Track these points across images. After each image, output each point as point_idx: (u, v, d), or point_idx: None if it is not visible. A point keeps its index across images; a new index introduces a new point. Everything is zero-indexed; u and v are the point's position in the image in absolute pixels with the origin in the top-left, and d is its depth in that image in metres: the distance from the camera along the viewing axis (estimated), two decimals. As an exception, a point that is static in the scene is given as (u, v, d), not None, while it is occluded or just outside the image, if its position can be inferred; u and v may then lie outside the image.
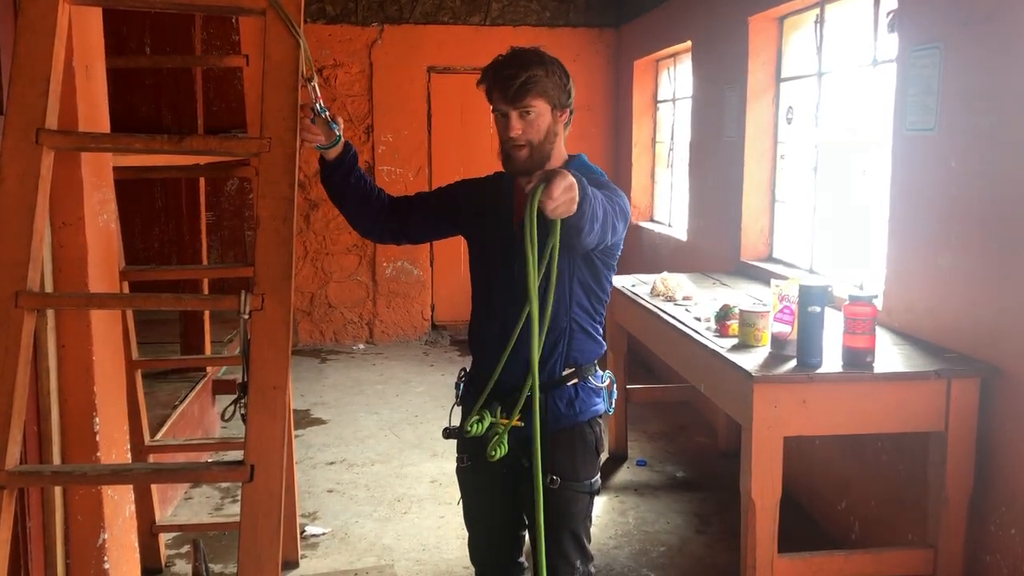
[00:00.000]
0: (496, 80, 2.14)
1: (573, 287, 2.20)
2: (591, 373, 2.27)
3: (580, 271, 2.20)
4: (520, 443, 2.21)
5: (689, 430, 5.22)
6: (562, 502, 2.23)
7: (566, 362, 2.23)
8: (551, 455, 2.19)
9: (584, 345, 2.25)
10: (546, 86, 2.14)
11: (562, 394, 2.23)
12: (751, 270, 4.70)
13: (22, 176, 1.77)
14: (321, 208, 7.22)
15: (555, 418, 2.22)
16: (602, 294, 2.28)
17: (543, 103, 2.15)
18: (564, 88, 2.19)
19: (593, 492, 2.30)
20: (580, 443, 2.25)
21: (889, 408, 2.85)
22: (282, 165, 1.84)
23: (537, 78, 2.13)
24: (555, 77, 2.16)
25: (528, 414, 2.16)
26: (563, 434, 2.23)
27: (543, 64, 2.15)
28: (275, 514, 1.74)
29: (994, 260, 2.83)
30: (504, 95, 2.13)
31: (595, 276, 2.23)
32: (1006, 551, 2.79)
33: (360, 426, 5.29)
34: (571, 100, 2.24)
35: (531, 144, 2.15)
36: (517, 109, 2.13)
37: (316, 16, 7.08)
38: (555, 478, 2.21)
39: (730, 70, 4.95)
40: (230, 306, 1.80)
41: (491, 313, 2.28)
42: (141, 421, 3.32)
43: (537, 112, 2.14)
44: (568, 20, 7.39)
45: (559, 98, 2.18)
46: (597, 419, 2.30)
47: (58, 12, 1.82)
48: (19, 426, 1.75)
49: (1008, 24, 2.76)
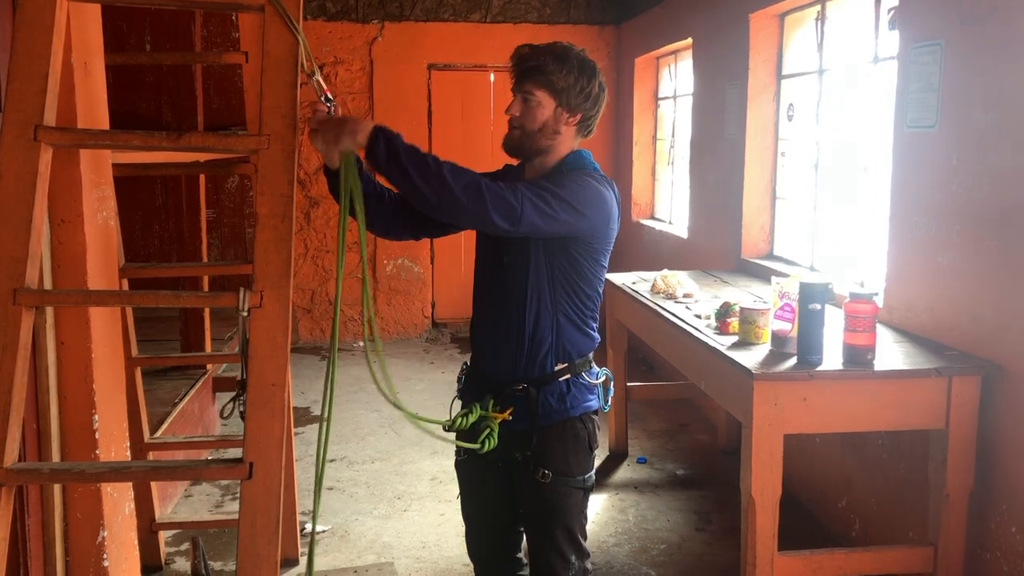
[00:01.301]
0: (512, 59, 2.21)
1: (555, 280, 2.20)
2: (585, 369, 2.27)
3: (560, 264, 2.19)
4: (513, 437, 2.23)
5: (689, 428, 5.22)
6: (554, 497, 2.24)
7: (557, 357, 2.23)
8: (542, 450, 2.21)
9: (574, 339, 2.24)
10: (552, 80, 2.15)
11: (553, 389, 2.23)
12: (752, 267, 4.70)
13: (20, 173, 1.77)
14: (321, 205, 7.21)
15: (546, 413, 2.22)
16: (588, 288, 2.24)
17: (545, 95, 2.16)
18: (581, 91, 2.18)
19: (586, 488, 2.29)
20: (572, 438, 2.25)
21: (890, 406, 2.85)
22: (281, 162, 1.84)
23: (544, 69, 2.15)
24: (570, 76, 2.15)
25: (519, 407, 2.20)
26: (554, 429, 2.23)
27: (561, 60, 2.15)
28: (274, 512, 1.74)
29: (995, 257, 2.83)
30: (512, 74, 2.21)
31: (576, 269, 2.21)
32: (1007, 549, 2.79)
33: (360, 424, 5.29)
34: (589, 107, 2.21)
35: (523, 129, 2.20)
36: (520, 92, 2.19)
37: (316, 13, 7.07)
38: (547, 472, 2.21)
39: (731, 67, 4.95)
40: (229, 303, 1.80)
41: (484, 306, 2.32)
42: (140, 418, 3.32)
43: (537, 101, 2.17)
44: (569, 17, 7.38)
45: (568, 98, 2.17)
46: (590, 415, 2.29)
47: (56, 8, 1.81)
48: (18, 423, 1.74)
49: (1009, 21, 2.75)
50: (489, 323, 2.28)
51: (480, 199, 1.95)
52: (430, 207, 1.98)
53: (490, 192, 1.97)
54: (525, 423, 2.21)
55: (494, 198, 1.97)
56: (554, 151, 2.23)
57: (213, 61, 5.54)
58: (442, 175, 1.93)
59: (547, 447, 2.22)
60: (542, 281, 2.19)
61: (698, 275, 4.54)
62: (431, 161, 1.94)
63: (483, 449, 2.17)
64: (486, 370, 2.29)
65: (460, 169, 1.98)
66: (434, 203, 1.96)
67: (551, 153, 2.23)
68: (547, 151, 2.22)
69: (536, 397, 2.21)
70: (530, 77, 2.16)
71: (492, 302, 2.28)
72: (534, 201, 2.03)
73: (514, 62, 2.20)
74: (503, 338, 2.24)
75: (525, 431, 2.22)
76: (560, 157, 2.25)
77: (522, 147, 2.23)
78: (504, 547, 2.43)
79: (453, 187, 1.93)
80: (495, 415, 2.19)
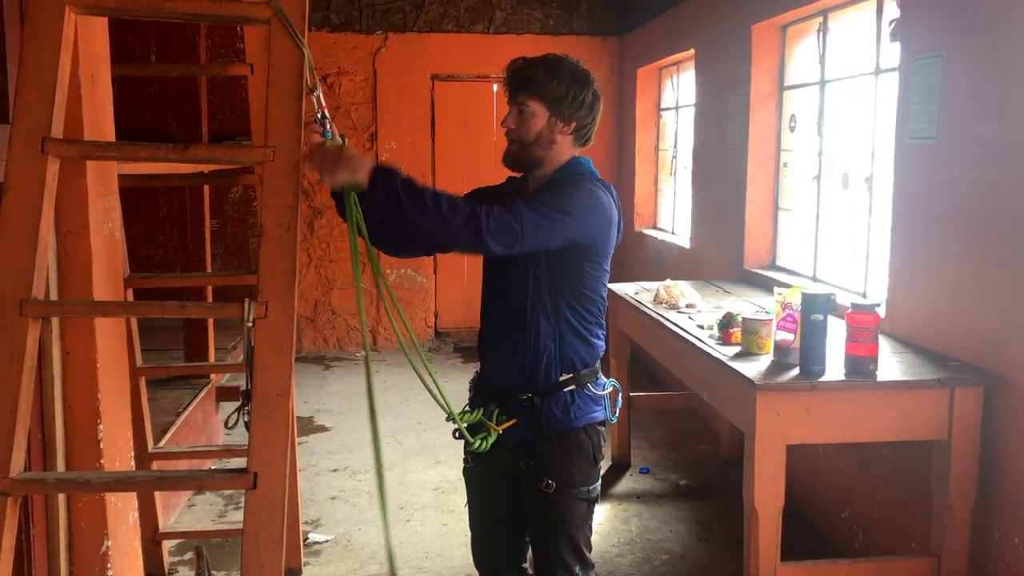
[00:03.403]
0: (506, 72, 2.24)
1: (557, 289, 2.20)
2: (591, 380, 2.28)
3: (561, 271, 2.20)
4: (518, 446, 2.24)
5: (692, 438, 5.22)
6: (557, 507, 2.24)
7: (562, 367, 2.23)
8: (546, 460, 2.22)
9: (578, 349, 2.25)
10: (544, 89, 2.17)
11: (558, 399, 2.23)
12: (754, 278, 4.70)
13: (28, 184, 1.78)
14: (325, 215, 7.23)
15: (550, 422, 2.22)
16: (591, 293, 2.25)
17: (538, 105, 2.19)
18: (574, 100, 2.19)
19: (590, 499, 2.29)
20: (575, 449, 2.25)
21: (892, 416, 2.85)
22: (286, 173, 1.85)
23: (534, 79, 2.18)
24: (561, 85, 2.17)
25: (523, 417, 2.21)
26: (558, 439, 2.23)
27: (552, 70, 2.18)
28: (278, 521, 1.74)
29: (997, 268, 2.83)
30: (506, 88, 2.24)
31: (578, 275, 2.21)
32: (1010, 560, 2.79)
33: (363, 433, 5.29)
34: (583, 115, 2.23)
35: (520, 141, 2.23)
36: (515, 103, 2.22)
37: (320, 24, 7.11)
38: (550, 482, 2.22)
39: (733, 78, 4.96)
40: (234, 314, 1.81)
41: (489, 317, 2.34)
42: (145, 428, 3.32)
43: (532, 112, 2.20)
44: (572, 28, 7.41)
45: (561, 107, 2.19)
46: (596, 426, 2.29)
47: (64, 21, 1.83)
48: (23, 433, 1.75)
49: (1010, 33, 2.76)
50: (495, 334, 2.31)
51: (478, 233, 1.98)
52: (431, 242, 2.08)
53: (488, 222, 1.99)
54: (529, 433, 2.22)
55: (493, 227, 2.00)
56: (552, 160, 2.26)
57: (218, 72, 5.56)
58: (440, 214, 1.96)
59: (551, 457, 2.23)
60: (543, 290, 2.20)
61: (700, 285, 4.55)
62: (429, 199, 1.96)
63: (475, 447, 2.21)
64: (492, 381, 2.31)
65: (457, 204, 2.00)
66: (436, 240, 2.06)
67: (549, 163, 2.26)
68: (545, 161, 2.25)
69: (540, 407, 2.21)
70: (523, 88, 2.20)
71: (497, 313, 2.30)
72: (534, 220, 2.06)
73: (508, 75, 2.24)
74: (507, 349, 2.25)
75: (529, 441, 2.23)
76: (558, 165, 2.27)
77: (520, 160, 2.26)
78: (509, 556, 2.44)
79: (452, 224, 1.97)
80: (492, 425, 2.22)
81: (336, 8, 7.16)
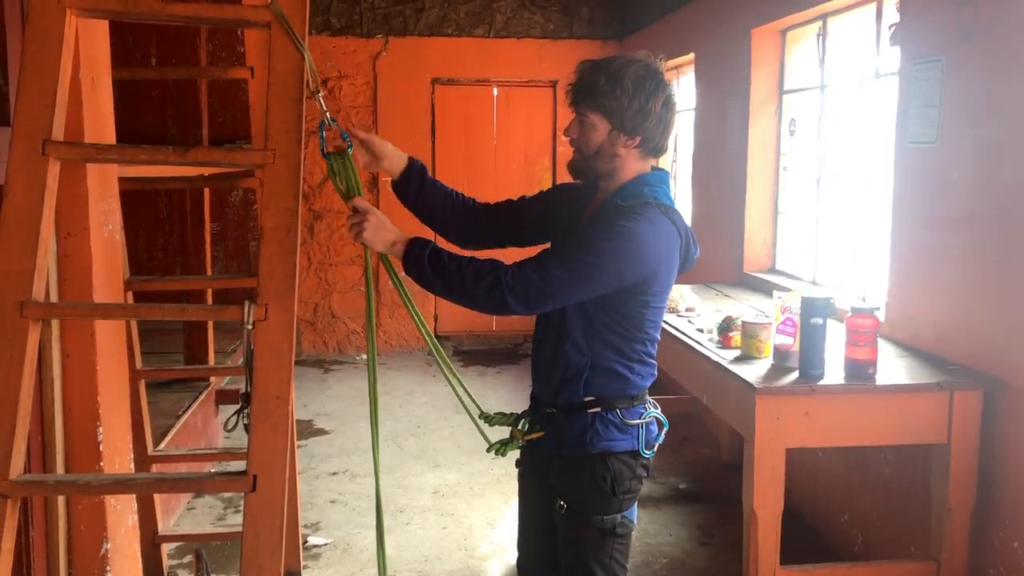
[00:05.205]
0: (573, 74, 2.12)
1: (591, 323, 2.10)
2: (622, 406, 2.14)
3: (595, 307, 2.09)
4: (540, 460, 2.23)
5: (692, 442, 5.22)
6: (568, 531, 2.18)
7: (587, 389, 2.13)
8: (561, 479, 2.18)
9: (609, 375, 2.13)
10: (604, 102, 2.03)
11: (578, 420, 2.13)
12: (754, 282, 4.70)
13: (29, 186, 1.78)
14: (325, 219, 7.24)
15: (569, 443, 2.14)
16: (635, 330, 2.11)
17: (598, 117, 2.06)
18: (639, 111, 2.03)
19: (604, 529, 2.12)
20: (588, 476, 2.12)
21: (891, 420, 2.85)
22: (286, 177, 1.85)
23: (594, 89, 2.04)
24: (623, 97, 2.02)
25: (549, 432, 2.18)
26: (574, 461, 2.15)
27: (615, 78, 2.02)
28: (277, 524, 1.74)
29: (996, 272, 2.84)
30: (566, 93, 2.15)
31: (619, 311, 2.08)
32: (1009, 564, 2.79)
33: (363, 437, 5.29)
34: (650, 126, 2.06)
35: (581, 152, 2.13)
36: (576, 112, 2.10)
37: (321, 28, 7.12)
38: (562, 504, 2.16)
39: (733, 82, 4.97)
40: (234, 317, 1.81)
41: (537, 327, 2.28)
42: (144, 431, 3.32)
43: (591, 124, 2.07)
44: (572, 32, 7.42)
45: (623, 119, 2.04)
46: (619, 456, 2.12)
47: (65, 24, 1.83)
48: (23, 436, 1.75)
49: (1009, 37, 2.77)
50: (538, 344, 2.25)
51: (502, 300, 1.98)
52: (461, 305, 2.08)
53: (514, 285, 1.97)
54: (552, 449, 2.17)
55: (520, 290, 1.97)
56: (617, 175, 2.11)
57: (219, 76, 5.58)
58: (464, 286, 1.99)
59: (565, 478, 2.16)
60: (577, 320, 2.11)
61: (700, 289, 4.55)
62: (453, 272, 1.99)
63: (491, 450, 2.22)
64: (533, 390, 2.29)
65: (482, 270, 1.98)
66: (463, 306, 2.06)
67: (614, 177, 2.12)
68: (610, 175, 2.12)
69: (562, 424, 2.15)
70: (583, 99, 2.06)
71: (540, 329, 2.24)
72: (563, 278, 1.98)
73: (572, 79, 2.10)
74: (542, 361, 2.21)
75: (550, 456, 2.19)
76: (622, 183, 2.12)
77: (583, 171, 2.15)
78: (544, 566, 2.35)
79: (476, 294, 2.00)
80: (516, 432, 2.22)
81: (336, 12, 7.17)
